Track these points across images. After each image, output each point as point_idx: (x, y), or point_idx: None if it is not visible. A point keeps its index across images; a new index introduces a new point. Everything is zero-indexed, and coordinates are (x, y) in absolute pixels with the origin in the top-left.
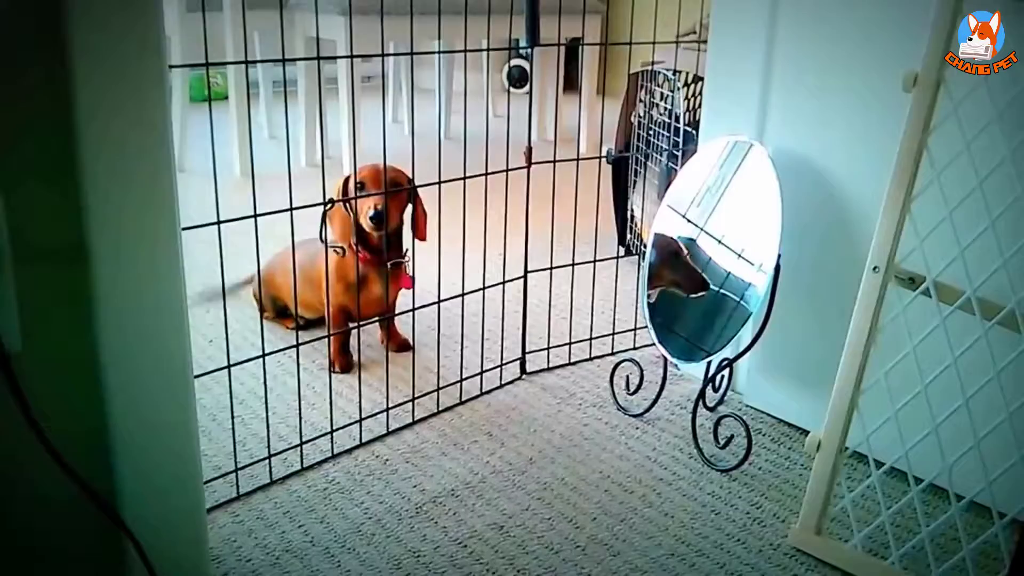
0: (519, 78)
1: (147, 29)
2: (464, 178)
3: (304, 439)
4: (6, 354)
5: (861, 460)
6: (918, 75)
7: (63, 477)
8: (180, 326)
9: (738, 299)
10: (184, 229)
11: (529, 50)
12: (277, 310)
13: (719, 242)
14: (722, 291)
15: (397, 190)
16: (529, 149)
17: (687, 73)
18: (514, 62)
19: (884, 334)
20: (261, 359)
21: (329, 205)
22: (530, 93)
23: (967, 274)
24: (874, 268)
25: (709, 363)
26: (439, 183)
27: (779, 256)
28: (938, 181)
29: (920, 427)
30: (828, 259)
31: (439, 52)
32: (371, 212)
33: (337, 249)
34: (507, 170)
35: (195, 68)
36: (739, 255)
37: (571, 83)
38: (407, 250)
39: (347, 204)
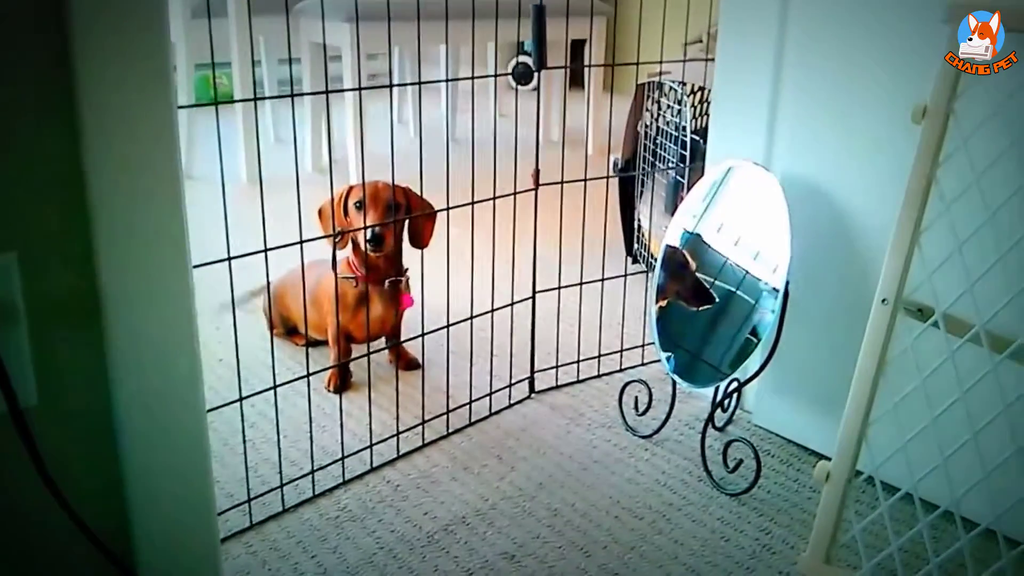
0: (524, 74)
1: (155, 67)
2: (472, 203)
3: (316, 466)
4: (20, 409)
5: (872, 484)
6: (927, 107)
7: (75, 529)
8: (193, 370)
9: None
10: (195, 267)
11: (535, 55)
12: (287, 328)
13: (727, 264)
14: (731, 315)
15: (408, 216)
16: (536, 171)
17: (693, 84)
18: (520, 59)
19: (893, 366)
20: (273, 390)
21: (339, 238)
22: (537, 89)
23: (976, 307)
24: (883, 300)
25: (718, 386)
26: (447, 209)
27: (787, 283)
28: (948, 214)
29: (929, 458)
30: (837, 284)
31: (446, 58)
32: (369, 234)
33: (351, 279)
34: (515, 193)
35: (200, 69)
36: (745, 277)
37: (577, 80)
38: (407, 268)
39: (345, 216)
